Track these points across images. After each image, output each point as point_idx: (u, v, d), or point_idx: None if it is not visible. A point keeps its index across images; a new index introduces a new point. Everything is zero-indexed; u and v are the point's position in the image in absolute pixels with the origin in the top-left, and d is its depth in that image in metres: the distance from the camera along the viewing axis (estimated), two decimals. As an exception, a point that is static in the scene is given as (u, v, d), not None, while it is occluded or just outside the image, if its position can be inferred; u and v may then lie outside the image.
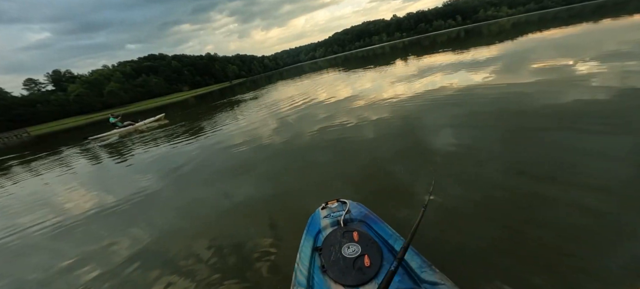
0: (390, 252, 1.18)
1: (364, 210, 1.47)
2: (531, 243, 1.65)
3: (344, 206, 1.51)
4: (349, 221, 1.40)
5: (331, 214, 1.47)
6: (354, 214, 1.44)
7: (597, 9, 32.70)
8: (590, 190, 1.99)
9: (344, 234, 1.24)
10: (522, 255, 1.58)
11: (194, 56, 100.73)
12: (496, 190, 2.24)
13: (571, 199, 1.93)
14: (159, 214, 3.22)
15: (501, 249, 1.67)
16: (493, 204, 2.09)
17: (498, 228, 1.85)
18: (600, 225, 1.68)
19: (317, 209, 1.57)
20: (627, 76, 4.31)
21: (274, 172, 3.69)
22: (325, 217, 1.47)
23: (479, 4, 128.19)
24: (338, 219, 1.41)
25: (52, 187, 5.50)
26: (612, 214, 1.74)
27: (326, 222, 1.42)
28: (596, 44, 7.96)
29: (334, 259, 1.14)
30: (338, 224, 1.38)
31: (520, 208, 1.97)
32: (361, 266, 1.08)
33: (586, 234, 1.64)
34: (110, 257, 2.50)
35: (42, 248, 2.95)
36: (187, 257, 2.25)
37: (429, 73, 9.24)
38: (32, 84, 63.40)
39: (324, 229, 1.39)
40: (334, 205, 1.56)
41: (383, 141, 3.93)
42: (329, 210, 1.52)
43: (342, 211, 1.47)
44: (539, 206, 1.93)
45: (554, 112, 3.54)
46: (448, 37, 36.39)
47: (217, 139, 6.61)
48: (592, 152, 2.45)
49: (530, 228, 1.77)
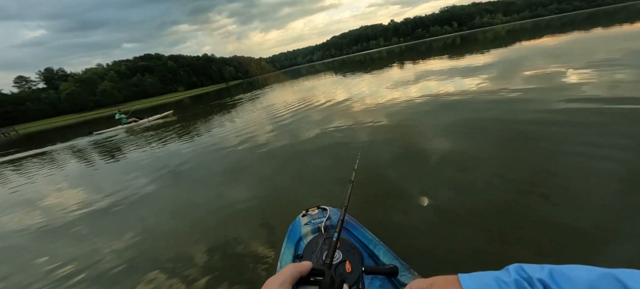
0: (371, 257, 1.20)
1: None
2: (515, 248, 1.67)
3: (324, 213, 1.51)
4: (329, 228, 1.39)
5: (312, 221, 1.46)
6: (334, 221, 1.43)
7: (589, 18, 33.52)
8: (573, 196, 1.99)
9: (325, 241, 1.22)
10: (505, 259, 1.57)
11: (191, 57, 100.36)
12: (483, 195, 2.23)
13: (554, 206, 1.93)
14: (146, 215, 3.12)
15: (484, 254, 1.66)
16: (477, 209, 2.07)
17: (481, 233, 1.85)
18: (584, 234, 1.68)
19: (297, 217, 1.57)
20: (615, 85, 4.35)
21: (262, 176, 3.60)
22: (306, 224, 1.46)
23: (475, 11, 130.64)
24: (319, 225, 1.40)
25: (44, 186, 5.32)
26: (597, 223, 1.73)
27: (307, 229, 1.41)
28: (587, 52, 8.07)
29: None
30: (319, 230, 1.37)
31: (503, 214, 1.98)
32: (343, 272, 1.07)
33: (568, 241, 1.64)
34: (100, 258, 2.45)
35: (30, 248, 2.88)
36: (165, 260, 2.20)
37: (423, 79, 9.31)
38: (23, 82, 62.21)
39: (305, 236, 1.38)
40: (314, 212, 1.56)
41: (374, 145, 3.87)
42: (309, 217, 1.52)
43: (323, 217, 1.46)
44: (522, 211, 1.94)
45: (543, 119, 3.54)
46: (444, 43, 36.92)
47: (210, 140, 6.52)
48: (579, 160, 2.44)
49: (514, 233, 1.78)
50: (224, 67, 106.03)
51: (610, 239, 1.59)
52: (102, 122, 20.91)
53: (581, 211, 1.84)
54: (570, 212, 1.83)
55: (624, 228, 1.64)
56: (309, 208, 1.59)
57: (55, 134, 19.47)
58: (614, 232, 1.64)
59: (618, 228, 1.66)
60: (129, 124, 12.91)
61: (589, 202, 1.91)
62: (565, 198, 1.99)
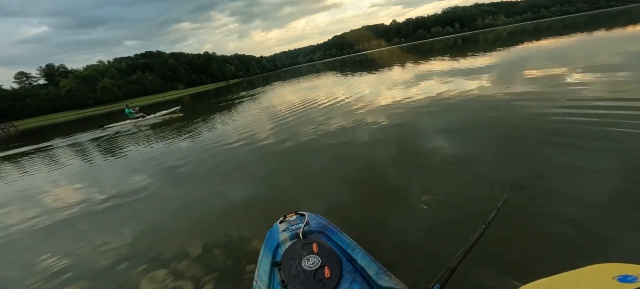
0: (350, 261, 1.20)
1: (323, 221, 1.47)
2: (505, 254, 1.61)
3: (302, 219, 1.50)
4: (308, 233, 1.39)
5: (290, 227, 1.44)
6: (313, 226, 1.43)
7: (591, 20, 33.40)
8: (571, 201, 1.94)
9: (304, 247, 1.23)
10: (493, 265, 1.54)
11: (192, 55, 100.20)
12: (469, 200, 2.17)
13: (549, 209, 1.88)
14: (145, 212, 3.12)
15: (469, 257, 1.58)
16: (465, 214, 2.01)
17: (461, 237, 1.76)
18: (579, 238, 1.63)
19: (275, 223, 1.54)
20: (616, 88, 4.26)
21: (262, 175, 3.55)
22: (283, 230, 1.44)
23: (477, 12, 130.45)
24: (297, 231, 1.39)
25: (47, 183, 5.27)
26: (593, 228, 1.69)
27: (285, 235, 1.39)
28: (588, 55, 7.99)
29: (294, 273, 1.13)
30: (297, 236, 1.37)
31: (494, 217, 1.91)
32: (322, 278, 1.09)
33: (562, 245, 1.60)
34: (100, 255, 2.43)
35: (28, 246, 2.84)
36: (164, 257, 2.19)
37: (423, 80, 9.25)
38: (24, 78, 62.15)
39: (283, 243, 1.36)
40: (292, 218, 1.54)
41: (369, 149, 3.81)
42: (287, 223, 1.50)
43: (301, 223, 1.45)
44: (515, 215, 1.89)
45: (542, 122, 3.47)
46: (445, 44, 36.82)
47: (211, 137, 6.48)
48: (577, 163, 2.37)
49: (504, 239, 1.72)
50: (224, 66, 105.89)
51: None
52: (101, 119, 20.93)
53: (578, 216, 1.75)
54: (563, 218, 1.75)
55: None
56: (286, 214, 1.57)
57: (54, 130, 19.42)
58: (618, 240, 1.55)
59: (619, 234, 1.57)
60: (136, 119, 13.19)
61: (587, 207, 1.84)
62: (558, 204, 1.91)
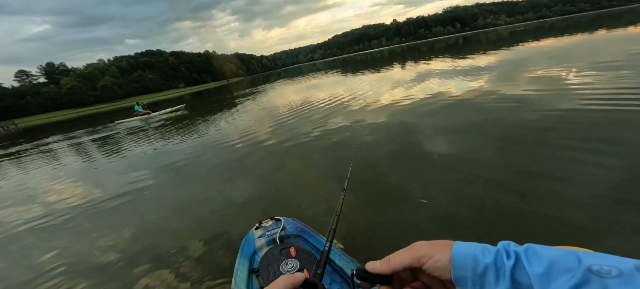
0: (328, 262, 1.18)
1: (299, 224, 1.48)
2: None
3: (278, 224, 1.49)
4: (285, 238, 1.38)
5: (266, 233, 1.44)
6: (289, 230, 1.43)
7: (594, 20, 33.22)
8: (570, 200, 1.89)
9: (281, 252, 1.22)
10: None
11: (193, 53, 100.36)
12: (467, 199, 2.11)
13: (549, 209, 1.83)
14: (145, 210, 3.11)
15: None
16: (460, 214, 1.95)
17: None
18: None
19: (250, 230, 1.52)
20: (617, 89, 4.17)
21: (261, 174, 3.50)
22: (260, 237, 1.42)
23: (478, 12, 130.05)
24: (273, 236, 1.38)
25: (49, 181, 5.24)
26: (591, 228, 1.65)
27: (261, 242, 1.38)
28: (590, 55, 7.88)
29: (273, 278, 1.07)
30: (274, 242, 1.36)
31: (496, 216, 1.88)
32: None
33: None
34: (99, 253, 2.41)
35: (29, 243, 2.84)
36: (163, 255, 2.16)
37: (423, 79, 9.19)
38: (24, 76, 62.32)
39: (260, 249, 1.35)
40: (268, 223, 1.53)
41: (365, 147, 3.74)
42: (263, 229, 1.48)
43: (277, 228, 1.44)
44: (512, 214, 1.87)
45: (542, 122, 3.39)
46: (446, 44, 36.66)
47: (212, 135, 6.44)
48: (576, 164, 2.31)
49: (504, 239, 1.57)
50: (225, 65, 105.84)
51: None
52: (101, 117, 20.98)
53: (576, 217, 1.69)
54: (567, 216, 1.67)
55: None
56: (261, 220, 1.55)
57: (55, 128, 19.42)
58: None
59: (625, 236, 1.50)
60: (142, 115, 13.86)
61: (584, 206, 1.79)
62: (562, 204, 1.83)
